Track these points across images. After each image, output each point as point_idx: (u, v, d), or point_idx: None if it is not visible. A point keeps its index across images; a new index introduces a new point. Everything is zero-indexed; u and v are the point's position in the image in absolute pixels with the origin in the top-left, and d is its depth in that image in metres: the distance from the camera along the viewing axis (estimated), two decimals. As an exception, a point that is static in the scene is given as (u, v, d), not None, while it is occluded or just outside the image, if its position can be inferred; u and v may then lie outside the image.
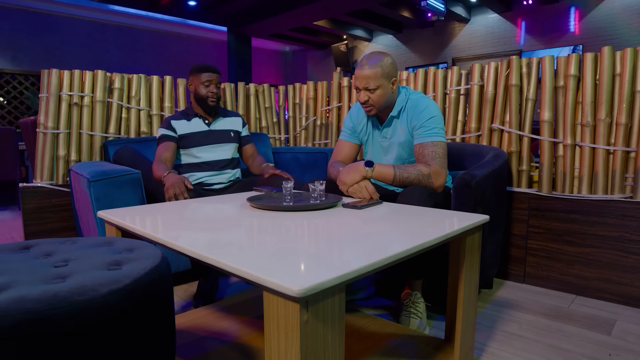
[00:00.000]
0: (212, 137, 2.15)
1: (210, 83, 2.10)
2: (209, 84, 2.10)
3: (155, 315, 0.79)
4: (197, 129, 2.14)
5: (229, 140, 2.21)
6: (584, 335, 1.54)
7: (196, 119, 2.15)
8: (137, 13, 7.17)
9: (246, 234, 1.00)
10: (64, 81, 2.32)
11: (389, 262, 0.82)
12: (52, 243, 0.97)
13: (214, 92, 2.11)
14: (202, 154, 2.13)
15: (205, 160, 2.13)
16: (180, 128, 2.12)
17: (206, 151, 2.13)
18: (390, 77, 1.65)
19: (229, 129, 2.22)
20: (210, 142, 2.14)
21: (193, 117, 2.15)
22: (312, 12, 6.56)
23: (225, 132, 2.20)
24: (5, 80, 6.54)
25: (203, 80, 2.09)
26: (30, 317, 0.62)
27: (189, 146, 2.10)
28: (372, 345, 1.29)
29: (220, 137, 2.18)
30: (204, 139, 2.13)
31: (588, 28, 6.13)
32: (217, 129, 2.19)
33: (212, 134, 2.16)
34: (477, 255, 1.22)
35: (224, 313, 1.53)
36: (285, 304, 0.67)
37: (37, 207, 2.26)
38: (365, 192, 1.54)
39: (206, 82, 2.09)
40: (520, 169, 2.08)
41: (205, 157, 2.13)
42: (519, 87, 2.09)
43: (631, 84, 1.81)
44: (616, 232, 1.82)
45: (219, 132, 2.18)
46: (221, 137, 2.18)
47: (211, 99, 2.11)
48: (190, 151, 2.11)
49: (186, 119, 2.14)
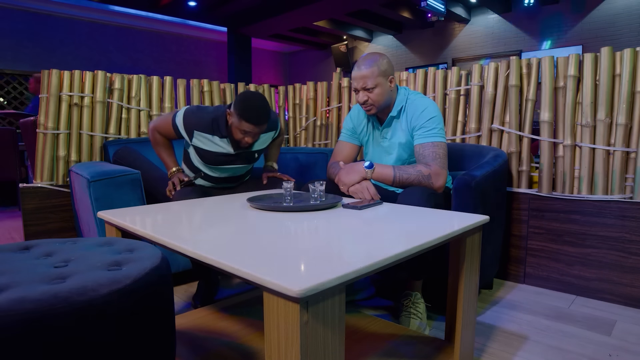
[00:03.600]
0: (234, 159, 1.88)
1: (247, 135, 1.73)
2: (246, 135, 1.73)
3: (155, 315, 0.79)
4: (220, 151, 1.83)
5: (252, 160, 1.96)
6: (584, 336, 1.54)
7: (225, 141, 1.81)
8: (137, 13, 7.17)
9: (246, 235, 1.00)
10: (64, 82, 2.32)
11: (389, 263, 0.82)
12: (52, 243, 0.97)
13: (249, 142, 1.76)
14: (216, 171, 1.92)
15: (217, 176, 1.94)
16: (201, 142, 1.81)
17: (221, 170, 1.92)
18: (387, 75, 1.65)
19: (255, 150, 1.92)
20: (229, 163, 1.88)
21: (222, 138, 1.81)
22: (312, 13, 6.56)
23: (251, 154, 1.92)
24: (6, 80, 6.55)
25: (242, 127, 1.70)
26: (30, 318, 0.62)
27: (204, 160, 1.86)
28: (373, 346, 1.29)
29: (243, 159, 1.90)
30: (224, 160, 1.86)
31: (588, 29, 6.13)
32: (243, 153, 1.89)
33: (237, 157, 1.88)
34: (477, 255, 1.22)
35: (224, 313, 1.53)
36: (285, 304, 0.67)
37: (37, 207, 2.26)
38: (367, 193, 1.54)
39: (243, 131, 1.71)
40: (520, 170, 2.09)
41: (219, 174, 1.93)
42: (518, 88, 2.09)
43: (631, 84, 1.81)
44: (616, 233, 1.82)
45: (244, 154, 1.89)
46: (244, 159, 1.91)
47: (244, 145, 1.79)
48: (203, 163, 1.89)
49: (212, 135, 1.79)
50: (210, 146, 1.82)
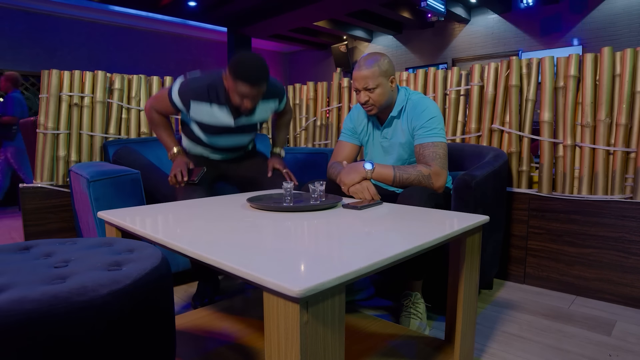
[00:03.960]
0: (235, 130, 1.81)
1: (245, 98, 1.62)
2: (244, 98, 1.62)
3: (155, 316, 0.79)
4: (219, 122, 1.75)
5: (253, 130, 1.88)
6: (584, 336, 1.54)
7: (224, 110, 1.72)
8: (137, 14, 7.17)
9: (246, 235, 1.00)
10: (64, 82, 2.32)
11: (389, 263, 0.82)
12: (52, 244, 0.97)
13: (248, 107, 1.65)
14: (217, 141, 1.84)
15: (218, 146, 1.86)
16: (198, 112, 1.72)
17: (221, 138, 1.83)
18: (388, 75, 1.65)
19: (256, 121, 1.85)
20: (230, 133, 1.81)
21: (220, 106, 1.72)
22: (312, 13, 6.56)
23: (252, 126, 1.85)
24: (6, 80, 6.55)
25: (238, 89, 1.59)
26: (30, 318, 0.62)
27: (203, 130, 1.79)
28: (372, 346, 1.29)
29: (244, 129, 1.83)
30: (224, 131, 1.79)
31: (588, 29, 6.13)
32: (244, 124, 1.82)
33: (238, 130, 1.82)
34: (477, 255, 1.22)
35: (224, 314, 1.53)
36: (285, 304, 0.67)
37: (37, 207, 2.26)
38: (367, 194, 1.54)
39: (241, 94, 1.61)
40: (520, 170, 2.08)
41: (219, 143, 1.85)
42: (519, 88, 2.09)
43: (631, 84, 1.81)
44: (616, 233, 1.82)
45: (245, 127, 1.83)
46: (245, 129, 1.84)
47: (243, 111, 1.70)
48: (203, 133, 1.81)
49: (210, 104, 1.69)
50: (210, 118, 1.73)
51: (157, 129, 1.85)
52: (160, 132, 1.85)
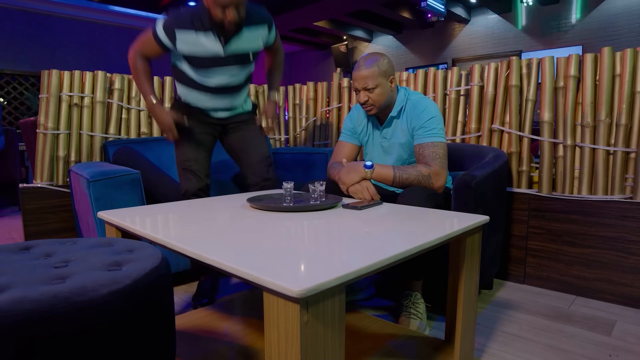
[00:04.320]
0: (226, 60, 1.71)
1: (226, 9, 1.53)
2: (225, 9, 1.53)
3: (155, 316, 0.79)
4: (207, 52, 1.67)
5: (246, 62, 1.78)
6: (584, 336, 1.54)
7: (210, 37, 1.64)
8: (138, 14, 7.17)
9: (246, 235, 1.00)
10: (64, 82, 2.32)
11: (389, 263, 0.82)
12: (52, 244, 0.97)
13: (231, 20, 1.55)
14: (208, 78, 1.75)
15: (210, 85, 1.76)
16: (184, 43, 1.65)
17: (214, 74, 1.73)
18: (388, 75, 1.65)
19: (248, 50, 1.75)
20: (221, 65, 1.72)
21: (206, 32, 1.64)
22: (312, 13, 6.57)
23: (244, 57, 1.75)
24: (6, 80, 6.55)
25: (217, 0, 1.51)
26: (30, 318, 0.62)
27: (192, 65, 1.72)
28: (372, 346, 1.29)
29: (235, 60, 1.73)
30: (214, 63, 1.70)
31: (588, 29, 6.13)
32: (234, 52, 1.71)
33: (229, 59, 1.72)
34: (477, 256, 1.22)
35: (224, 314, 1.53)
36: (285, 304, 0.67)
37: (37, 207, 2.26)
38: (367, 194, 1.54)
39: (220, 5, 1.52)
40: (520, 170, 2.09)
41: (211, 82, 1.75)
42: (519, 88, 2.09)
43: (631, 84, 1.81)
44: (616, 233, 1.82)
45: (237, 57, 1.73)
46: (237, 60, 1.74)
47: (228, 26, 1.59)
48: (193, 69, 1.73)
49: (196, 30, 1.63)
50: (198, 48, 1.66)
51: (138, 77, 1.76)
52: (141, 80, 1.75)
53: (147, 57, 1.74)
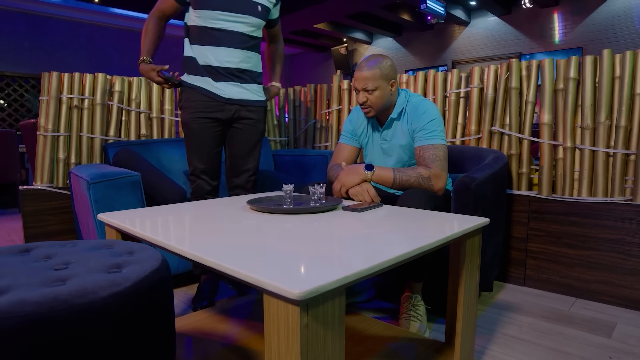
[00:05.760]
0: (235, 4, 1.75)
1: None
2: None
3: (155, 318, 0.79)
4: None
5: (255, 13, 1.80)
6: (584, 338, 1.54)
7: None
8: (138, 16, 7.18)
9: (246, 237, 1.00)
10: (64, 84, 2.32)
11: (389, 265, 0.82)
12: (52, 246, 0.97)
13: None
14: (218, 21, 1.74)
15: (220, 28, 1.75)
16: None
17: (224, 18, 1.74)
18: (388, 79, 1.65)
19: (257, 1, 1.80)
20: (230, 10, 1.74)
21: None
22: (312, 15, 6.58)
23: (252, 4, 1.79)
24: (6, 82, 6.56)
25: None
26: (30, 320, 0.62)
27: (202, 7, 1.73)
28: (373, 348, 1.29)
29: (244, 6, 1.76)
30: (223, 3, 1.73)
31: (587, 31, 6.14)
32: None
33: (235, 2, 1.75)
34: (477, 258, 1.22)
35: (224, 316, 1.52)
36: (285, 307, 0.67)
37: (37, 209, 2.26)
38: (367, 196, 1.54)
39: None
40: (520, 172, 2.09)
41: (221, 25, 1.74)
42: (518, 90, 2.09)
43: (631, 86, 1.81)
44: (616, 235, 1.82)
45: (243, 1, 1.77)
46: (246, 7, 1.77)
47: None
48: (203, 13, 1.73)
49: None
50: None
51: (145, 36, 1.79)
52: (146, 39, 1.79)
53: (163, 14, 1.80)
